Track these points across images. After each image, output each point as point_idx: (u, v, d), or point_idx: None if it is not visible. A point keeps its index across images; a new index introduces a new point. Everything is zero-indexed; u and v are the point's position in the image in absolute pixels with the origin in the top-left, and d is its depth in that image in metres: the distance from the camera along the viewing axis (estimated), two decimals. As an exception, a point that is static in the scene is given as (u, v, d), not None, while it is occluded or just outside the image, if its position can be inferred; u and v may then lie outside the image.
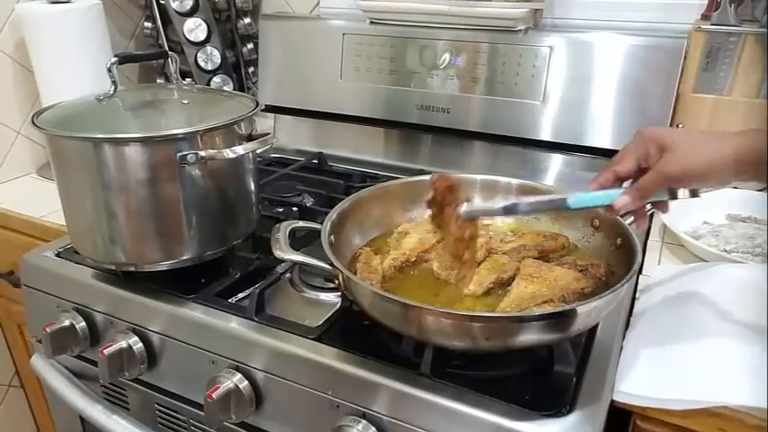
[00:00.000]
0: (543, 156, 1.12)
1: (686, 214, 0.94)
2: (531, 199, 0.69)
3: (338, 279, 0.66)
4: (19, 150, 1.25)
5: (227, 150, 0.76)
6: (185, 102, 0.87)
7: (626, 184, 0.65)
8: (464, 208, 0.68)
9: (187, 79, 1.32)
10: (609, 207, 0.64)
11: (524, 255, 0.75)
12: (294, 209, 1.02)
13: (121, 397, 0.88)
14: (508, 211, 0.69)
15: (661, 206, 0.66)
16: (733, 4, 0.93)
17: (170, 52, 0.91)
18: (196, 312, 0.76)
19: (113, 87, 0.83)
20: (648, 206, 0.66)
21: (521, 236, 0.81)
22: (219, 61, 1.35)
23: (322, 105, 1.27)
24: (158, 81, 1.46)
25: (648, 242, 0.93)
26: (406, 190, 0.86)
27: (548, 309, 0.64)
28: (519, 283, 0.70)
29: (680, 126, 1.00)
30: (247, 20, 1.41)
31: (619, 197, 0.63)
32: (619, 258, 0.71)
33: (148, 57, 1.10)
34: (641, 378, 0.63)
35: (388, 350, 0.68)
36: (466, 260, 0.69)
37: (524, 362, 0.67)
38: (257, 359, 0.71)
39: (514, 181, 0.85)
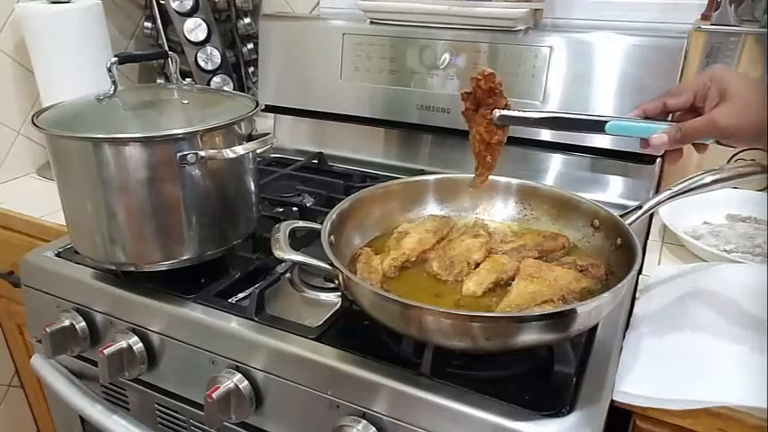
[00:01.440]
0: (543, 156, 1.12)
1: (686, 214, 0.94)
2: (570, 115, 0.66)
3: (338, 279, 0.66)
4: (19, 150, 1.25)
5: (227, 150, 0.76)
6: (185, 102, 0.87)
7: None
8: (498, 113, 0.66)
9: (187, 79, 1.32)
10: (644, 140, 0.61)
11: (524, 255, 0.75)
12: (294, 209, 1.02)
13: (121, 397, 0.88)
14: (543, 123, 0.67)
15: (700, 148, 0.63)
16: (733, 4, 0.93)
17: (170, 52, 0.91)
18: (196, 312, 0.76)
19: (113, 87, 0.83)
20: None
21: (521, 236, 0.81)
22: (219, 61, 1.35)
23: (322, 105, 1.27)
24: (158, 81, 1.46)
25: (648, 242, 0.93)
26: (406, 190, 0.86)
27: (548, 309, 0.64)
28: (519, 283, 0.70)
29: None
30: (247, 20, 1.41)
31: (657, 135, 0.60)
32: (619, 258, 0.71)
33: (148, 57, 1.10)
34: (641, 378, 0.63)
35: (388, 350, 0.68)
36: (487, 162, 0.68)
37: (524, 362, 0.67)
38: (257, 359, 0.71)
39: (514, 181, 0.86)
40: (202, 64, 1.34)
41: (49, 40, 1.15)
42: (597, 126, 0.65)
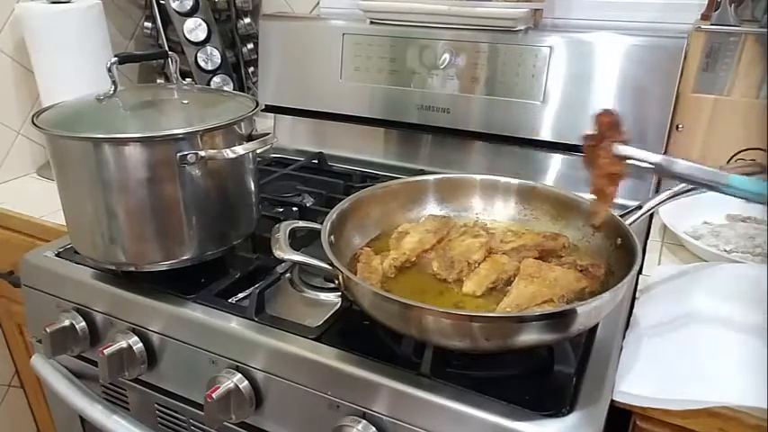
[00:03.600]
0: (543, 156, 1.12)
1: (686, 214, 0.94)
2: (692, 164, 0.65)
3: (338, 279, 0.66)
4: (19, 150, 1.25)
5: (227, 150, 0.76)
6: (185, 102, 0.87)
7: None
8: (621, 146, 0.67)
9: (187, 79, 1.32)
10: None
11: (524, 255, 0.75)
12: (294, 209, 1.02)
13: (121, 397, 0.88)
14: (661, 168, 0.67)
15: None
16: (733, 4, 0.93)
17: (170, 52, 0.91)
18: (196, 312, 0.76)
19: (113, 87, 0.83)
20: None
21: (521, 236, 0.81)
22: (219, 61, 1.35)
23: (322, 105, 1.27)
24: (158, 81, 1.46)
25: (648, 242, 0.93)
26: (406, 190, 0.86)
27: (548, 309, 0.64)
28: (519, 283, 0.70)
29: (680, 127, 1.00)
30: (247, 20, 1.41)
31: None
32: (619, 258, 0.71)
33: (148, 57, 1.10)
34: (641, 378, 0.63)
35: (388, 350, 0.68)
36: (607, 194, 0.69)
37: (524, 362, 0.67)
38: (257, 359, 0.71)
39: (514, 181, 0.86)
40: (202, 64, 1.34)
41: (49, 40, 1.15)
42: (718, 183, 0.63)
